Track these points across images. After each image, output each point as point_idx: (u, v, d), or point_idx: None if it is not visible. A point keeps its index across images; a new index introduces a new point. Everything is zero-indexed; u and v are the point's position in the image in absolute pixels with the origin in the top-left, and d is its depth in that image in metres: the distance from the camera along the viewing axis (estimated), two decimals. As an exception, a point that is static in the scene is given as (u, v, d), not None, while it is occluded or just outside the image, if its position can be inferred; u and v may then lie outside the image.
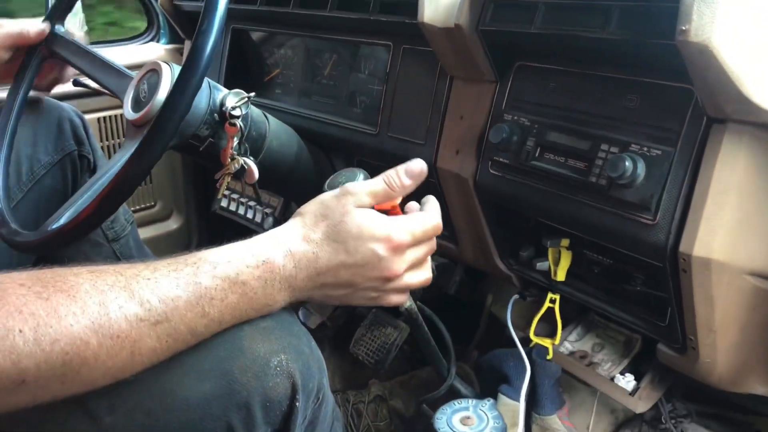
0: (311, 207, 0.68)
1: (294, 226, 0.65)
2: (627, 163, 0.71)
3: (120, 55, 1.57)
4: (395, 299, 0.68)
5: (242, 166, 1.05)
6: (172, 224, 1.63)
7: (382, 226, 0.64)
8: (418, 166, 0.68)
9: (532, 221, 0.93)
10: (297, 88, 1.29)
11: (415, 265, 0.66)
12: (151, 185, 1.58)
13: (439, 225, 0.68)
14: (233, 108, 1.04)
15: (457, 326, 1.43)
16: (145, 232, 1.57)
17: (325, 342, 1.42)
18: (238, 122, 1.04)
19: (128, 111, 1.01)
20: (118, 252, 1.27)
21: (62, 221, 0.87)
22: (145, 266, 0.57)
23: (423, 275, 0.68)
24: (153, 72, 1.03)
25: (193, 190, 1.67)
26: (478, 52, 0.87)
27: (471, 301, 1.41)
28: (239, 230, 1.56)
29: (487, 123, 0.91)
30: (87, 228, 0.89)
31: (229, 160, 1.05)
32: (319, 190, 1.24)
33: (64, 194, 1.20)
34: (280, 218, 1.36)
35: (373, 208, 0.76)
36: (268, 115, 1.16)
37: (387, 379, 1.42)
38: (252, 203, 1.48)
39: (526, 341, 0.98)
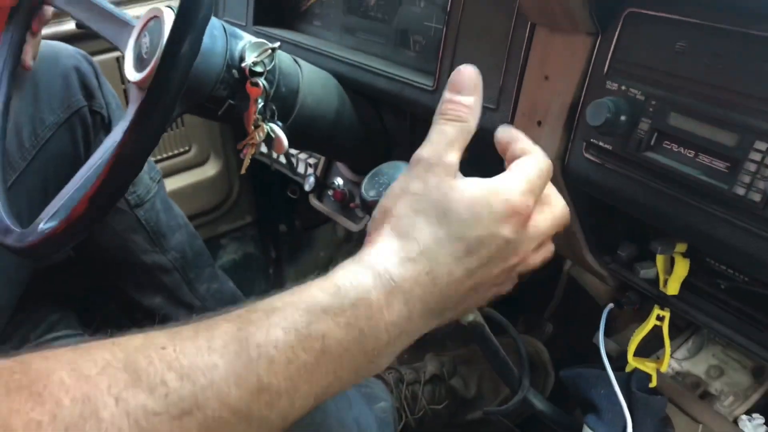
0: (390, 205, 0.46)
1: (382, 242, 0.44)
2: (800, 182, 0.48)
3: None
4: (507, 288, 0.50)
5: (268, 134, 0.86)
6: (210, 170, 1.46)
7: (496, 195, 0.44)
8: (464, 75, 0.48)
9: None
10: (338, 21, 1.06)
11: (543, 237, 0.49)
12: (183, 128, 1.40)
13: (550, 165, 0.49)
14: (254, 64, 0.83)
15: (527, 294, 1.24)
16: (180, 181, 1.42)
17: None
18: (261, 81, 0.84)
19: (130, 71, 0.83)
20: (142, 219, 1.12)
21: (52, 223, 0.71)
22: (156, 332, 0.39)
23: (548, 250, 0.51)
24: (155, 20, 0.83)
25: (232, 130, 1.49)
26: (572, -6, 0.63)
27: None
28: (285, 180, 1.39)
29: (582, 89, 0.68)
30: (84, 228, 0.74)
31: (253, 127, 0.86)
32: (367, 149, 1.01)
33: (76, 159, 1.04)
34: (322, 178, 1.17)
35: None
36: (301, 62, 0.94)
37: (445, 350, 1.27)
38: (294, 150, 1.29)
39: (618, 358, 0.79)
